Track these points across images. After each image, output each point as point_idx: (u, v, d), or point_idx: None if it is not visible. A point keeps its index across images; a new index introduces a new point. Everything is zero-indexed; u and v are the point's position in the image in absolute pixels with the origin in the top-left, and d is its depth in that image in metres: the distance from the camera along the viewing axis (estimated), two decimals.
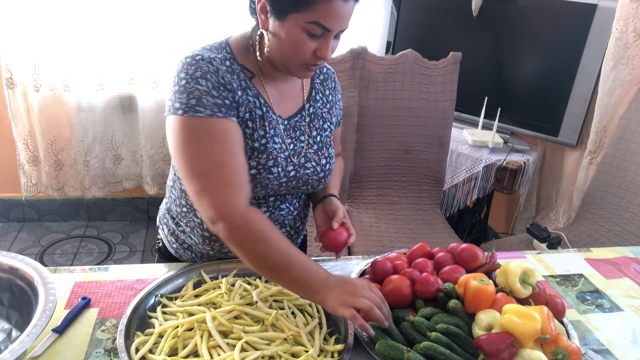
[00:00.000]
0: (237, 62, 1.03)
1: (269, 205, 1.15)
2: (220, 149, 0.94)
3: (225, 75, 0.98)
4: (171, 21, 2.38)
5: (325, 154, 1.17)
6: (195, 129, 0.93)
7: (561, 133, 2.23)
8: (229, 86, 0.98)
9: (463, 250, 1.12)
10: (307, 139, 1.14)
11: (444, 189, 2.28)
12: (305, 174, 1.13)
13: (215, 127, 0.94)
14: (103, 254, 2.70)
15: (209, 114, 0.93)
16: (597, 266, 1.31)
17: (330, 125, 1.20)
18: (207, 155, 0.93)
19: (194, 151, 0.93)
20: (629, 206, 1.94)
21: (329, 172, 1.18)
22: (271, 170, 1.06)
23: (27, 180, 2.61)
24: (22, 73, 2.36)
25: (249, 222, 0.92)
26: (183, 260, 1.25)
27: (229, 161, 0.94)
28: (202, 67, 0.95)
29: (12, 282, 0.90)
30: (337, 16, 0.91)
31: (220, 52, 1.02)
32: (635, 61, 1.95)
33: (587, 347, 1.02)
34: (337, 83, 1.25)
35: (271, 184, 1.08)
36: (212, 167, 0.93)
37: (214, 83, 0.95)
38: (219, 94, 0.96)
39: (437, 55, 2.11)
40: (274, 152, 1.06)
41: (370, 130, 2.11)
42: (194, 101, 0.93)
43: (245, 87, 1.02)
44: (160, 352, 0.87)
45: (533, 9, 2.19)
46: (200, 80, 0.94)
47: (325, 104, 1.19)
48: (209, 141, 0.93)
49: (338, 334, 0.96)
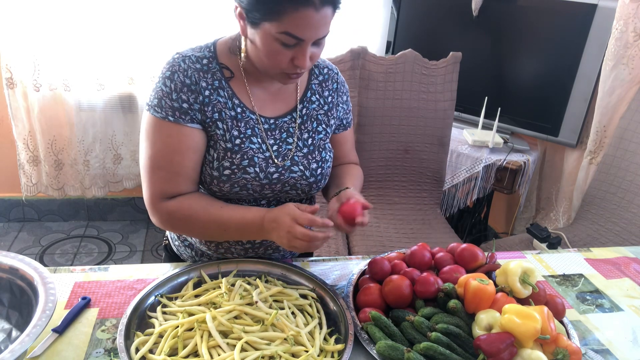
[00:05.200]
0: (218, 61, 1.05)
1: (270, 200, 1.15)
2: (165, 151, 1.02)
3: (194, 75, 1.01)
4: (171, 21, 2.38)
5: (317, 157, 1.13)
6: (151, 126, 1.02)
7: (561, 133, 2.23)
8: (193, 86, 1.01)
9: (463, 250, 1.12)
10: (296, 141, 1.11)
11: (444, 189, 2.28)
12: (291, 177, 1.10)
13: (165, 130, 1.01)
14: (103, 254, 2.70)
15: (162, 116, 1.00)
16: (597, 266, 1.31)
17: (325, 128, 1.16)
18: (153, 152, 1.02)
19: (145, 145, 1.03)
20: (629, 206, 1.94)
21: (321, 176, 1.14)
22: (246, 170, 1.05)
23: (27, 180, 2.61)
24: (22, 73, 2.36)
25: (178, 211, 1.04)
26: (185, 258, 1.26)
27: (171, 161, 1.02)
28: (174, 65, 1.01)
29: (12, 282, 0.90)
30: (308, 26, 0.90)
31: (202, 51, 1.05)
32: (635, 61, 1.95)
33: (587, 347, 1.02)
34: (340, 84, 1.21)
35: (250, 185, 1.07)
36: (158, 162, 1.02)
37: (177, 84, 1.00)
38: (178, 96, 1.00)
39: (437, 55, 2.11)
40: (250, 152, 1.05)
41: (370, 130, 2.11)
42: (156, 101, 1.01)
43: (218, 87, 1.04)
44: (160, 352, 0.87)
45: (533, 9, 2.19)
46: (166, 81, 1.01)
47: (322, 105, 1.16)
48: (157, 140, 1.02)
49: (338, 334, 0.96)
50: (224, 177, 1.05)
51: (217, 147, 1.05)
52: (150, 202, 1.05)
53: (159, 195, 1.04)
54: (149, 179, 1.04)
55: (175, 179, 1.04)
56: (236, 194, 1.08)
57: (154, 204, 1.05)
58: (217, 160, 1.05)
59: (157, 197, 1.04)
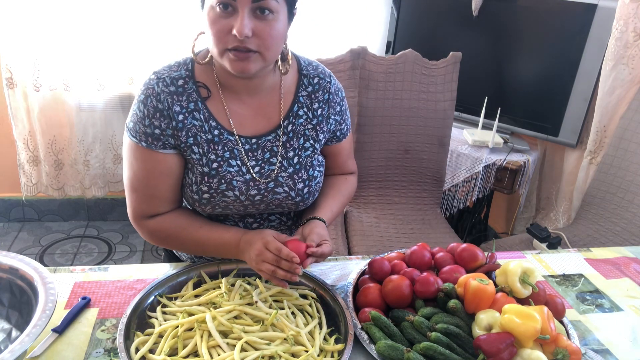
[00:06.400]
0: (195, 80, 1.01)
1: (255, 217, 1.14)
2: (140, 174, 1.03)
3: (167, 99, 0.99)
4: (171, 21, 2.37)
5: (304, 176, 1.08)
6: (128, 148, 1.04)
7: (561, 133, 2.23)
8: (166, 111, 0.99)
9: (463, 250, 1.12)
10: (280, 161, 1.06)
11: (444, 189, 2.28)
12: (275, 199, 1.07)
13: (139, 154, 1.02)
14: (103, 254, 2.70)
15: (136, 141, 1.01)
16: (597, 266, 1.31)
17: (313, 144, 1.09)
18: (130, 174, 1.04)
19: (125, 165, 1.05)
20: (629, 206, 1.94)
21: (308, 194, 1.10)
22: (225, 194, 1.03)
23: (27, 180, 2.61)
24: (22, 73, 2.36)
25: (159, 231, 1.07)
26: (184, 258, 1.26)
27: (146, 185, 1.03)
28: (148, 89, 1.00)
29: (12, 282, 0.90)
30: None
31: (179, 70, 1.02)
32: (635, 61, 1.95)
33: (587, 347, 1.02)
34: (333, 94, 1.11)
35: (232, 206, 1.05)
36: (134, 184, 1.04)
37: (150, 109, 0.99)
38: (150, 122, 0.99)
39: (437, 55, 2.11)
40: (228, 175, 1.03)
41: (370, 130, 2.11)
42: (131, 124, 1.02)
43: (194, 109, 1.00)
44: (160, 352, 0.87)
45: (533, 9, 2.19)
46: (140, 105, 1.00)
47: (310, 119, 1.09)
48: (133, 162, 1.03)
49: (338, 334, 0.96)
50: (204, 201, 1.04)
51: (194, 171, 1.03)
52: (132, 219, 1.08)
53: (139, 214, 1.07)
54: (128, 198, 1.07)
55: (151, 201, 1.05)
56: (221, 214, 1.08)
57: (135, 221, 1.08)
58: (195, 184, 1.03)
59: (138, 216, 1.07)
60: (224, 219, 1.12)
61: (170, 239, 1.08)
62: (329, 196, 1.16)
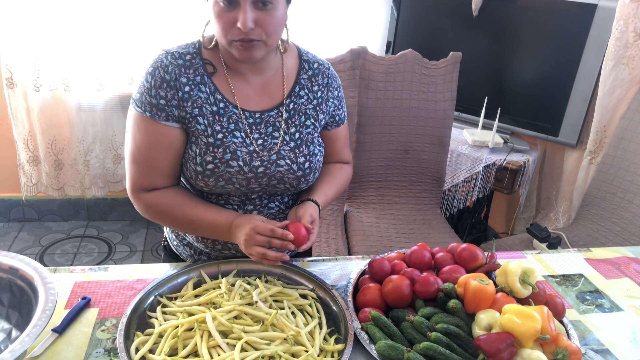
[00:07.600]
0: (202, 56, 1.07)
1: (255, 204, 1.15)
2: (142, 146, 1.06)
3: (175, 71, 1.03)
4: (171, 21, 2.38)
5: (305, 151, 1.13)
6: (132, 120, 1.06)
7: (561, 133, 2.23)
8: (173, 82, 1.03)
9: (463, 250, 1.12)
10: (283, 136, 1.12)
11: (444, 189, 2.28)
12: (278, 171, 1.10)
13: (143, 126, 1.05)
14: (103, 254, 2.70)
15: (141, 111, 1.04)
16: (597, 266, 1.31)
17: (314, 122, 1.16)
18: (132, 145, 1.07)
19: (128, 137, 1.08)
20: (629, 206, 1.94)
21: (309, 170, 1.14)
22: (229, 163, 1.06)
23: (27, 180, 2.61)
24: (22, 73, 2.36)
25: (155, 205, 1.09)
26: (184, 257, 1.26)
27: (147, 157, 1.06)
28: (157, 62, 1.04)
29: (12, 282, 0.90)
30: None
31: (187, 48, 1.08)
32: (635, 61, 1.95)
33: (587, 347, 1.02)
34: (332, 79, 1.19)
35: (235, 178, 1.07)
36: (135, 155, 1.07)
37: (157, 80, 1.03)
38: (157, 92, 1.03)
39: (437, 55, 2.11)
40: (232, 145, 1.06)
41: (370, 130, 2.11)
42: (138, 95, 1.05)
43: (200, 82, 1.06)
44: (160, 352, 0.87)
45: (533, 9, 2.19)
46: (148, 77, 1.04)
47: (310, 100, 1.16)
48: (136, 134, 1.06)
49: (338, 334, 0.96)
50: (207, 172, 1.06)
51: (198, 143, 1.06)
52: (130, 191, 1.11)
53: (137, 187, 1.09)
54: (128, 170, 1.09)
55: (150, 174, 1.08)
56: (223, 189, 1.09)
57: (133, 194, 1.11)
58: (199, 155, 1.06)
59: (136, 188, 1.10)
60: (225, 203, 1.14)
61: (165, 214, 1.10)
62: (325, 181, 1.22)
